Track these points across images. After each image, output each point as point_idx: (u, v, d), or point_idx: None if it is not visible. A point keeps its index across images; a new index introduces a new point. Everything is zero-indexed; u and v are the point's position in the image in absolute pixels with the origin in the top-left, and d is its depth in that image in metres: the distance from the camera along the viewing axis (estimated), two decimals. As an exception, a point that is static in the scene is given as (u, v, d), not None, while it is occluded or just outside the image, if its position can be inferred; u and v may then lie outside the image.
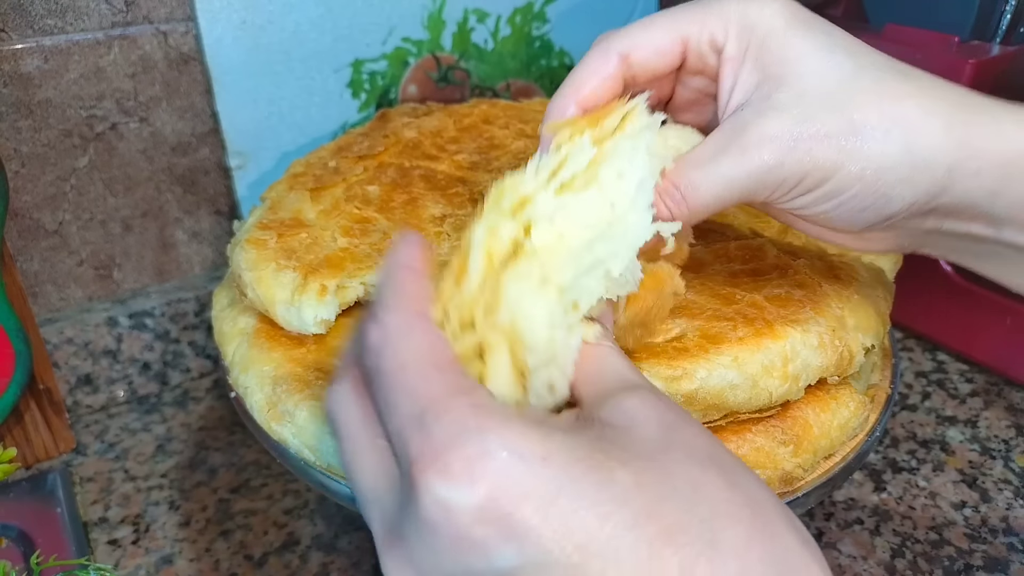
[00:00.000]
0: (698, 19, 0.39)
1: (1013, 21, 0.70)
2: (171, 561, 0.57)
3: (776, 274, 0.48)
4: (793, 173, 0.36)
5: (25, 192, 0.65)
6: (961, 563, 0.54)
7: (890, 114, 0.36)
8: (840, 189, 0.37)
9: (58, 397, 0.66)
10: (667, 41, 0.39)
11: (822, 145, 0.36)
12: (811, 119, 0.36)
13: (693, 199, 0.37)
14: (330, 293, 0.49)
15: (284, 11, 0.69)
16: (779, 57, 0.37)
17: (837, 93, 0.36)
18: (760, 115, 0.37)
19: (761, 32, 0.37)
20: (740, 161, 0.36)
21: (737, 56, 0.38)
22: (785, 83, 0.37)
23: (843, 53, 0.37)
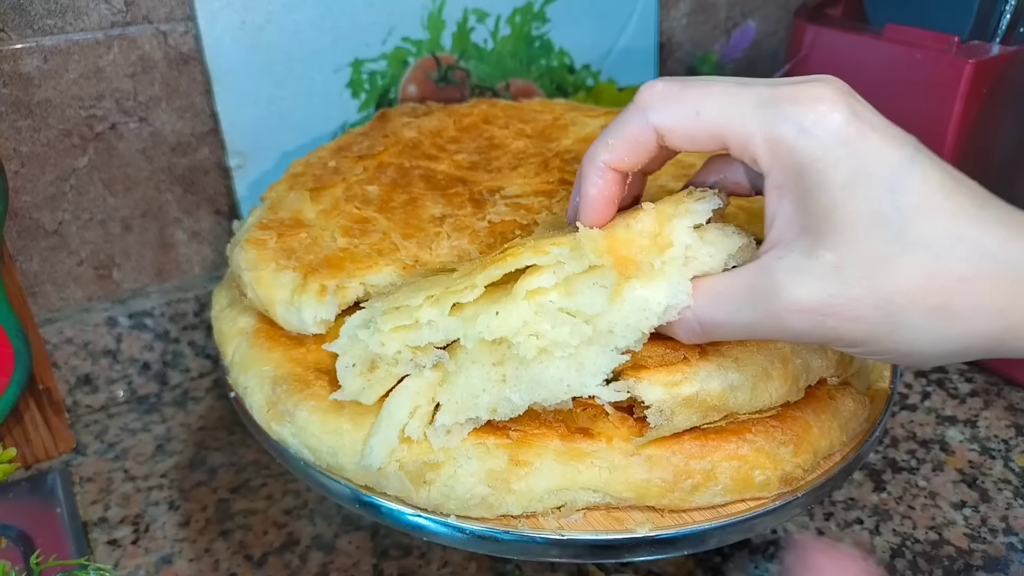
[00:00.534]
0: (747, 128, 0.35)
1: (1013, 21, 0.70)
2: (171, 561, 0.57)
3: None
4: (818, 339, 0.35)
5: (25, 192, 0.65)
6: (961, 563, 0.54)
7: (931, 303, 0.33)
8: (868, 353, 0.36)
9: (58, 397, 0.66)
10: (709, 139, 0.37)
11: (851, 324, 0.34)
12: (846, 297, 0.34)
13: (712, 334, 0.39)
14: (330, 293, 0.49)
15: (284, 11, 0.69)
16: (828, 212, 0.34)
17: (879, 272, 0.33)
18: (795, 276, 0.34)
19: (813, 179, 0.34)
20: (765, 321, 0.36)
21: (784, 187, 0.35)
22: (827, 244, 0.34)
23: (893, 223, 0.33)
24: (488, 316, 0.39)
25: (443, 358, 0.41)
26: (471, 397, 0.41)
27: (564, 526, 0.41)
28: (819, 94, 0.35)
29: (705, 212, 0.39)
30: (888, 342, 0.34)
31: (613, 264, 0.37)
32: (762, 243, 0.37)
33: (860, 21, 0.80)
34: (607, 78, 0.88)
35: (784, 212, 0.35)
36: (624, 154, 0.39)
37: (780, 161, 0.35)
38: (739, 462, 0.42)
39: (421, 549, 0.56)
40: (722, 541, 0.44)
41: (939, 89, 0.70)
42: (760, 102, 0.35)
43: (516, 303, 0.39)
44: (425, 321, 0.40)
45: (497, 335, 0.39)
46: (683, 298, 0.38)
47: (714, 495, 0.42)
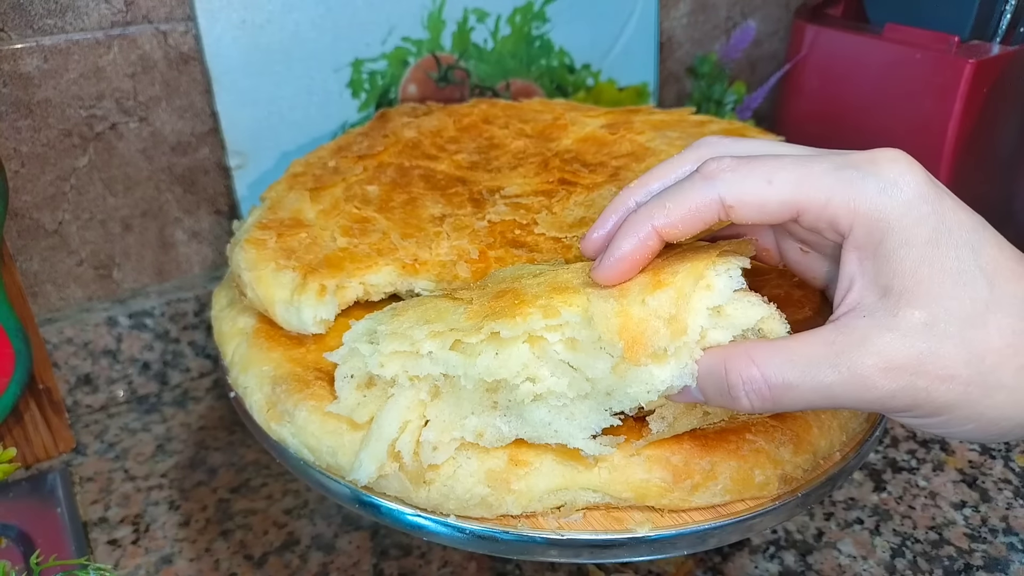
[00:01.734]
0: (824, 192, 0.34)
1: (1013, 21, 0.70)
2: (171, 561, 0.57)
3: (775, 274, 0.48)
4: (904, 403, 0.33)
5: (25, 192, 0.65)
6: (961, 563, 0.54)
7: (1020, 363, 0.33)
8: (952, 424, 0.34)
9: (58, 397, 0.66)
10: (781, 208, 0.35)
11: (943, 384, 0.33)
12: (938, 355, 0.33)
13: (782, 398, 0.34)
14: (329, 293, 0.49)
15: (284, 11, 0.69)
16: (914, 271, 0.33)
17: (970, 328, 0.33)
18: (882, 333, 0.33)
19: (898, 238, 0.34)
20: (849, 381, 0.33)
21: (866, 248, 0.35)
22: (915, 302, 0.33)
23: (983, 278, 0.33)
24: (488, 356, 0.39)
25: (439, 382, 0.41)
26: (459, 417, 0.41)
27: (564, 526, 0.41)
28: (895, 156, 0.35)
29: (727, 292, 0.37)
30: (978, 406, 0.33)
31: (623, 349, 0.36)
32: (832, 310, 0.36)
33: (860, 21, 0.80)
34: (607, 78, 0.88)
35: (866, 274, 0.35)
36: (679, 221, 0.37)
37: (862, 220, 0.34)
38: (739, 462, 0.42)
39: (421, 549, 0.56)
40: (722, 541, 0.44)
41: (939, 89, 0.70)
42: (836, 166, 0.35)
43: (517, 346, 0.38)
44: (426, 352, 0.40)
45: (496, 377, 0.39)
46: (688, 380, 0.36)
47: (714, 495, 0.42)
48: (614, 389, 0.38)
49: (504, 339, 0.38)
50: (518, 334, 0.38)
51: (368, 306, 0.52)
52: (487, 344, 0.39)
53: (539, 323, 0.38)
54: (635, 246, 0.37)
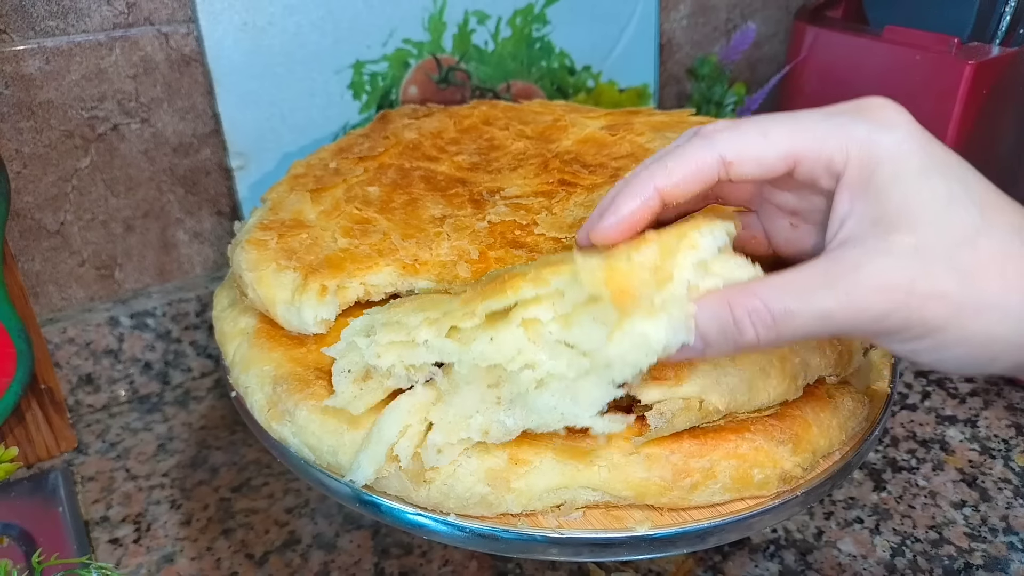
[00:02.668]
0: (819, 137, 0.36)
1: (1013, 22, 0.70)
2: (172, 560, 0.57)
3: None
4: (899, 323, 0.34)
5: (27, 193, 0.66)
6: (961, 562, 0.54)
7: (1011, 283, 0.34)
8: (944, 346, 0.35)
9: (59, 396, 0.66)
10: (777, 159, 0.36)
11: (936, 303, 0.34)
12: (929, 274, 0.34)
13: (785, 327, 0.35)
14: (330, 293, 0.49)
15: (285, 13, 0.70)
16: (904, 200, 0.35)
17: (961, 250, 0.34)
18: (875, 257, 0.34)
19: (888, 170, 0.35)
20: (846, 302, 0.34)
21: (858, 185, 0.36)
22: (906, 227, 0.34)
23: (973, 206, 0.35)
24: (482, 342, 0.39)
25: (436, 375, 0.41)
26: (464, 418, 0.40)
27: (563, 524, 0.42)
28: (883, 102, 0.37)
29: (711, 248, 0.37)
30: (969, 325, 0.34)
31: (611, 297, 0.36)
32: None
33: (860, 23, 0.80)
34: (608, 79, 0.88)
35: (857, 210, 0.36)
36: (681, 181, 0.37)
37: (854, 159, 0.35)
38: (738, 461, 0.42)
39: (422, 548, 0.57)
40: (721, 540, 0.44)
41: (939, 90, 0.70)
42: (825, 115, 0.36)
43: (511, 330, 0.38)
44: (421, 340, 0.40)
45: (491, 362, 0.39)
46: (683, 336, 0.36)
47: (713, 494, 0.42)
48: (612, 359, 0.37)
49: (499, 324, 0.39)
50: (510, 303, 0.38)
51: (369, 306, 0.52)
52: (482, 330, 0.39)
53: (530, 291, 0.38)
54: (637, 206, 0.38)
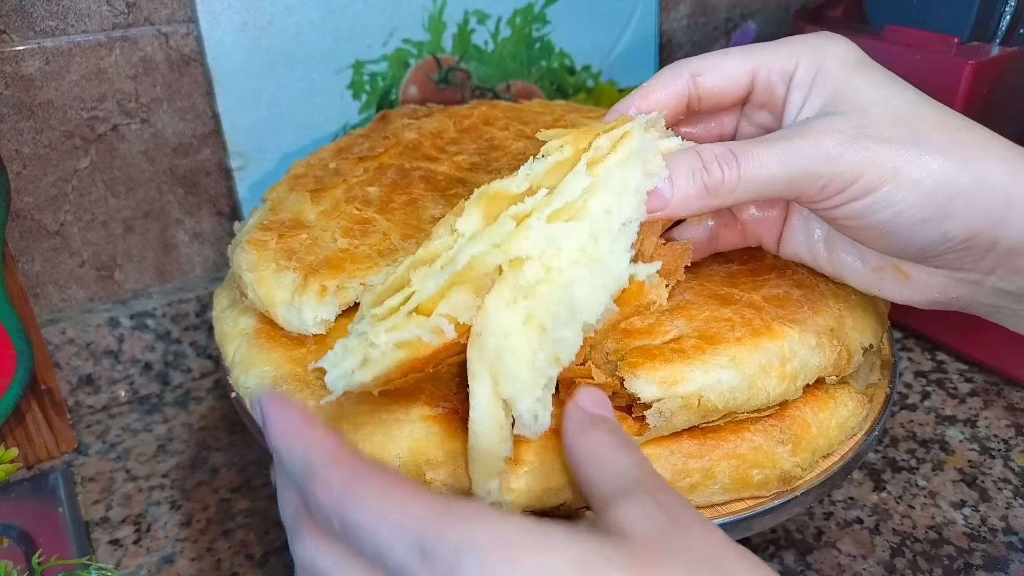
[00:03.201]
0: (770, 52, 0.41)
1: (1013, 22, 0.70)
2: (172, 561, 0.57)
3: (774, 274, 0.48)
4: (852, 166, 0.37)
5: (27, 193, 0.66)
6: (961, 562, 0.54)
7: (953, 137, 0.37)
8: (897, 196, 0.37)
9: (60, 397, 0.66)
10: (739, 70, 0.42)
11: (883, 147, 0.37)
12: (875, 125, 0.37)
13: (748, 168, 0.38)
14: (330, 294, 0.49)
15: (285, 13, 0.70)
16: (845, 85, 0.39)
17: (902, 113, 0.38)
18: (824, 116, 0.39)
19: (830, 64, 0.40)
20: (802, 145, 0.37)
21: (805, 81, 0.40)
22: (849, 103, 0.39)
23: (909, 91, 0.39)
24: (482, 242, 0.36)
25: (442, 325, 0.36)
26: (529, 367, 0.36)
27: (563, 525, 0.41)
28: (826, 32, 0.42)
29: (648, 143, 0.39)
30: (917, 168, 0.36)
31: (572, 141, 0.38)
32: None
33: (860, 22, 0.80)
34: (608, 79, 0.88)
35: (811, 99, 0.40)
36: (655, 99, 0.42)
37: (804, 61, 0.40)
38: (737, 461, 0.42)
39: (421, 549, 0.56)
40: (721, 540, 0.44)
41: (939, 90, 0.69)
42: (777, 42, 0.42)
43: (506, 223, 0.37)
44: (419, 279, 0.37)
45: (516, 254, 0.36)
46: (656, 178, 0.38)
47: (712, 494, 0.43)
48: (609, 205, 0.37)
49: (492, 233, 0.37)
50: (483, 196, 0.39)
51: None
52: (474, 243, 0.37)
53: (503, 183, 0.39)
54: (618, 111, 0.43)
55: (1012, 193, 0.36)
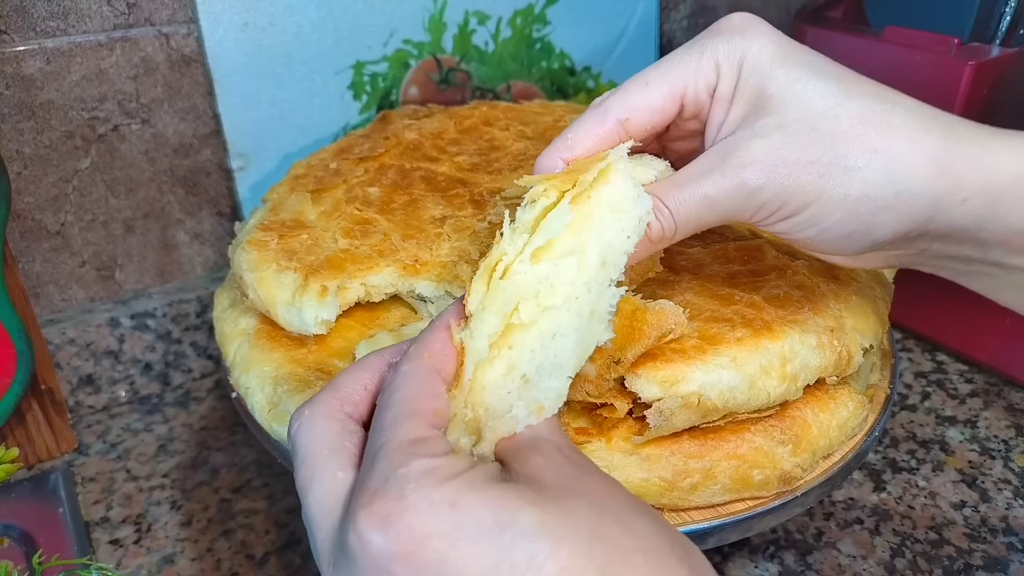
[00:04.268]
0: (692, 67, 0.39)
1: (1013, 23, 0.70)
2: (173, 561, 0.57)
3: (775, 275, 0.48)
4: (775, 196, 0.37)
5: (27, 193, 0.66)
6: (961, 562, 0.54)
7: (873, 144, 0.36)
8: (822, 215, 0.37)
9: (60, 397, 0.66)
10: (665, 100, 0.40)
11: (804, 171, 0.36)
12: (793, 145, 0.36)
13: (681, 215, 0.38)
14: (331, 294, 0.49)
15: (286, 13, 0.70)
16: (765, 89, 0.38)
17: (820, 120, 0.37)
18: (743, 141, 0.37)
19: (748, 68, 0.38)
20: (721, 182, 0.37)
21: (727, 94, 0.39)
22: (769, 112, 0.37)
23: (830, 81, 0.37)
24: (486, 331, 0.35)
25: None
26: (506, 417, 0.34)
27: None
28: (737, 17, 0.40)
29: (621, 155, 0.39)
30: (840, 188, 0.36)
31: (556, 184, 0.37)
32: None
33: (860, 23, 0.80)
34: (608, 80, 0.88)
35: (732, 112, 0.39)
36: (582, 140, 0.40)
37: (724, 72, 0.39)
38: (738, 461, 0.42)
39: (422, 549, 0.56)
40: (721, 540, 0.45)
41: (939, 91, 0.70)
42: (690, 44, 0.40)
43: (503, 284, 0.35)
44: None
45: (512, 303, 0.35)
46: (647, 201, 0.37)
47: (713, 494, 0.43)
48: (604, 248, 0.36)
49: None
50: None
51: (369, 307, 0.52)
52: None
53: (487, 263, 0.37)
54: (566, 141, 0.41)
55: (938, 192, 0.36)
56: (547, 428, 0.34)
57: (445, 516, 0.28)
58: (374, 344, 0.49)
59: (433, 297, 0.51)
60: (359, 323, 0.52)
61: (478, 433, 0.34)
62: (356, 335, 0.51)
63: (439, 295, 0.51)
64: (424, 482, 0.29)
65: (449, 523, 0.28)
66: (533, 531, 0.28)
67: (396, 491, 0.28)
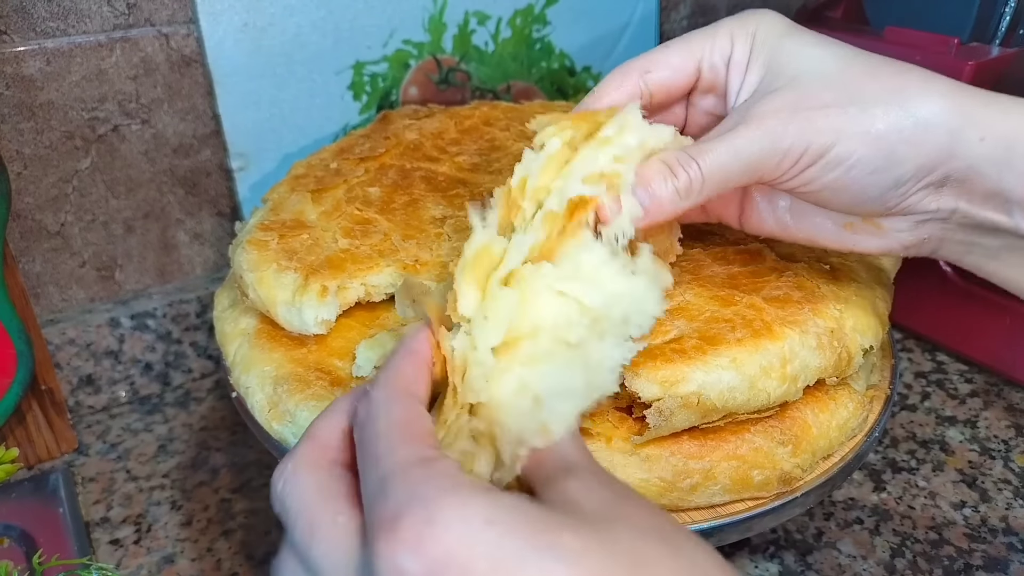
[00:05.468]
0: (708, 38, 0.43)
1: (1013, 23, 0.70)
2: (173, 561, 0.57)
3: (774, 276, 0.48)
4: (797, 140, 0.38)
5: (27, 194, 0.66)
6: (961, 563, 0.54)
7: (887, 84, 0.38)
8: (845, 154, 0.38)
9: (60, 397, 0.66)
10: (683, 61, 0.43)
11: (822, 114, 0.38)
12: (810, 95, 0.39)
13: (707, 166, 0.39)
14: (331, 294, 0.49)
15: (285, 13, 0.70)
16: (778, 54, 0.41)
17: (834, 74, 0.39)
18: (762, 97, 0.40)
19: (762, 36, 0.41)
20: (745, 132, 0.39)
21: (742, 60, 0.42)
22: (784, 72, 0.40)
23: (839, 47, 0.40)
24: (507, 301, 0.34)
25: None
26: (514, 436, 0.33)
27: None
28: (760, 9, 0.43)
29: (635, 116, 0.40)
30: (861, 122, 0.38)
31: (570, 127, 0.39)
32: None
33: (860, 23, 0.80)
34: (608, 80, 0.88)
35: (748, 77, 0.42)
36: (610, 91, 0.44)
37: (739, 41, 0.42)
38: (738, 462, 0.42)
39: (422, 549, 0.56)
40: (721, 541, 0.45)
41: (939, 91, 0.70)
42: (714, 23, 0.44)
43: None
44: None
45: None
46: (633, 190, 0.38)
47: (713, 495, 0.43)
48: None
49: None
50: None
51: (369, 307, 0.52)
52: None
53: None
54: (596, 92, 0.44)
55: (954, 127, 0.37)
56: (577, 451, 0.32)
57: (482, 534, 0.26)
58: (374, 344, 0.49)
59: (433, 297, 0.51)
60: (359, 323, 0.52)
61: (476, 452, 0.32)
62: (356, 335, 0.51)
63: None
64: (451, 499, 0.26)
65: (488, 542, 0.25)
66: (577, 554, 0.25)
67: (421, 511, 0.26)
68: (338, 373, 0.48)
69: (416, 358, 0.34)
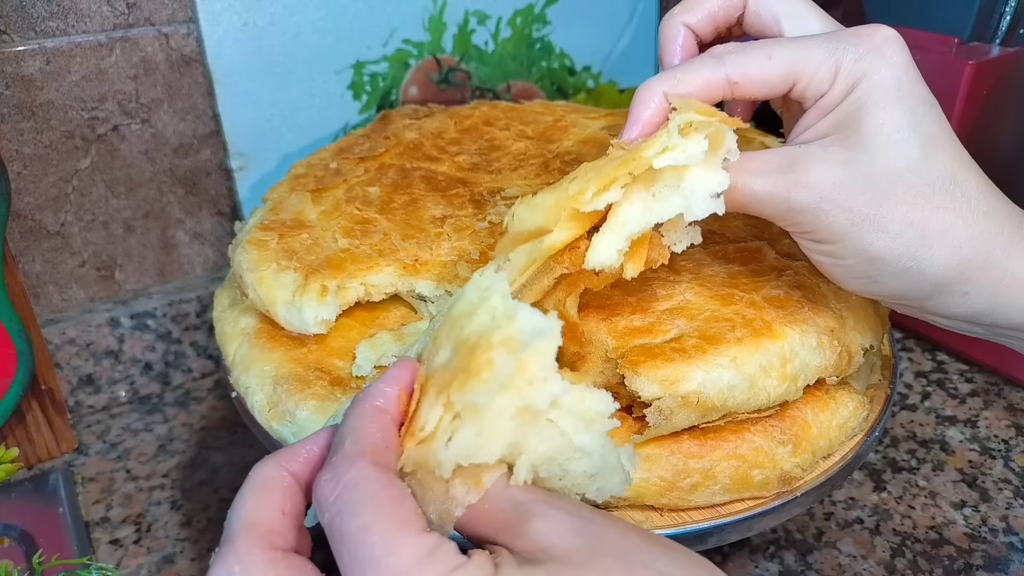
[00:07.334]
0: (815, 63, 0.39)
1: (1013, 22, 0.70)
2: (173, 560, 0.57)
3: (775, 275, 0.48)
4: (809, 221, 0.39)
5: (27, 193, 0.66)
6: (961, 562, 0.54)
7: (912, 217, 0.38)
8: (839, 255, 0.39)
9: (60, 397, 0.66)
10: (781, 80, 0.39)
11: (839, 217, 0.38)
12: (847, 187, 0.38)
13: (740, 183, 0.39)
14: (331, 293, 0.49)
15: (286, 13, 0.70)
16: (859, 122, 0.38)
17: (883, 176, 0.38)
18: (811, 159, 0.38)
19: (859, 92, 0.38)
20: (772, 190, 0.39)
21: (829, 106, 0.39)
22: (849, 145, 0.38)
23: (915, 143, 0.38)
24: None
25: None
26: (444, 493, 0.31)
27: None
28: (883, 33, 0.40)
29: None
30: (863, 240, 0.38)
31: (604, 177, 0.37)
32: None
33: (860, 23, 0.80)
34: (608, 80, 0.88)
35: (818, 125, 0.39)
36: (686, 92, 0.40)
37: (838, 86, 0.38)
38: (738, 461, 0.42)
39: (422, 549, 0.56)
40: (721, 540, 0.45)
41: (939, 90, 0.69)
42: (828, 39, 0.39)
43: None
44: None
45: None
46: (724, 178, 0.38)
47: (713, 494, 0.42)
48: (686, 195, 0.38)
49: None
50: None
51: (369, 306, 0.52)
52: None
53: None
54: (651, 112, 0.40)
55: (945, 281, 0.39)
56: (522, 490, 0.30)
57: None
58: (374, 344, 0.49)
59: (433, 297, 0.51)
60: (359, 323, 0.52)
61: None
62: (356, 335, 0.51)
63: (439, 295, 0.51)
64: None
65: None
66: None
67: None
68: (338, 373, 0.48)
69: (379, 416, 0.31)
